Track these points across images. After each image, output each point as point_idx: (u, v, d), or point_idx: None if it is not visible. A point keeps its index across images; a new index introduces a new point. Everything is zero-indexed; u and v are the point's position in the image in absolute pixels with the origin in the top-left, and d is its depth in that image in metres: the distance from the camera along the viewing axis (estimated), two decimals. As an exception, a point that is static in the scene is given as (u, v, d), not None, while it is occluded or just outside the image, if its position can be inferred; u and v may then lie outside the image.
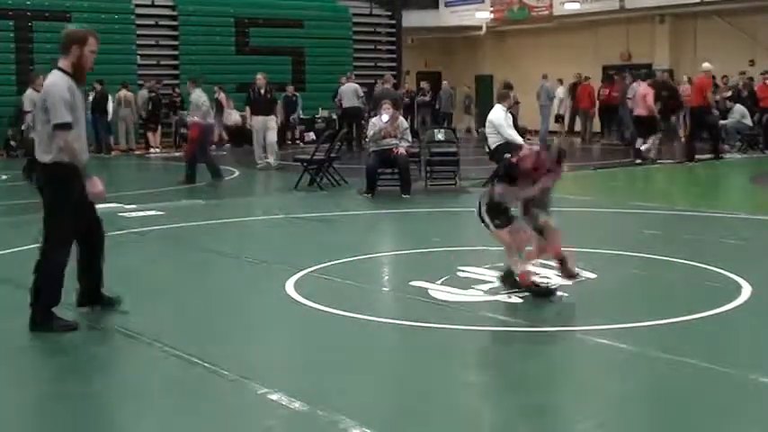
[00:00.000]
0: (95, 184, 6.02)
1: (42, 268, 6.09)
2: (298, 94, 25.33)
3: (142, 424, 4.59)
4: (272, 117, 18.15)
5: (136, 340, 5.90)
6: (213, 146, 17.99)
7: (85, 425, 4.56)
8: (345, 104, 22.81)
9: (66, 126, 5.89)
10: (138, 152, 23.32)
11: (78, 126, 6.05)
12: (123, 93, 22.98)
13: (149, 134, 23.84)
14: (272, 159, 17.71)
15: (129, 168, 20.82)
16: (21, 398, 4.95)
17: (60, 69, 6.11)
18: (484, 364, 5.58)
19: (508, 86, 16.35)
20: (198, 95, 15.32)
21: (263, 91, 17.97)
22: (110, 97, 22.57)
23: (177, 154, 17.19)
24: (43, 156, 6.00)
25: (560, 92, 25.78)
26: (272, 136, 17.90)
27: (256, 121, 17.88)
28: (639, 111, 18.24)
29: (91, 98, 21.35)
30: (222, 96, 23.11)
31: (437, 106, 27.91)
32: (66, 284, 6.21)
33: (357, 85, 23.13)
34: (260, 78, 18.07)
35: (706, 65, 19.02)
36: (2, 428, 4.47)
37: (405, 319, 6.35)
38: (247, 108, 18.60)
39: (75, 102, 6.02)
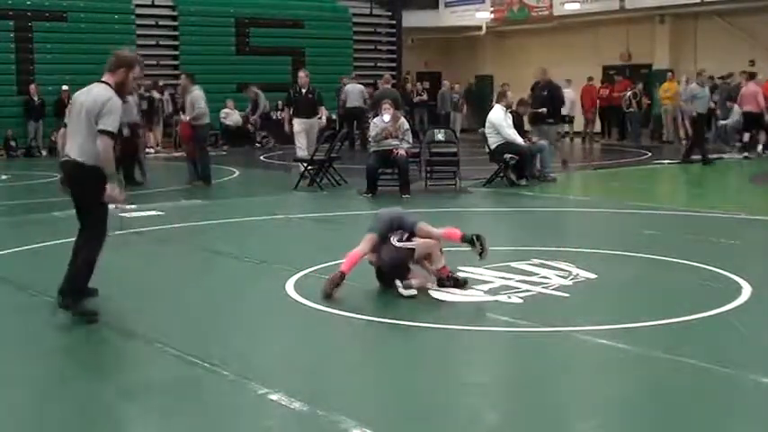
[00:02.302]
0: (115, 189, 6.38)
1: (80, 257, 6.50)
2: (260, 92, 24.86)
3: (142, 424, 4.59)
4: (315, 120, 16.38)
5: (136, 340, 5.90)
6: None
7: (85, 425, 4.56)
8: (350, 104, 22.74)
9: (114, 135, 6.38)
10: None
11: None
12: None
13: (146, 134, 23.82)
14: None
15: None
16: (20, 398, 4.95)
17: (106, 83, 6.56)
18: (484, 364, 5.58)
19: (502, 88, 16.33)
20: (194, 95, 15.03)
21: (304, 90, 16.29)
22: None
23: (177, 154, 17.15)
24: (84, 157, 6.38)
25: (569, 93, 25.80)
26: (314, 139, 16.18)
27: (297, 124, 16.16)
28: (749, 107, 19.53)
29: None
30: (165, 96, 22.99)
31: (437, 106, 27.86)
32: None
33: (362, 86, 23.08)
34: (302, 77, 16.49)
35: None
36: (2, 429, 4.47)
37: (405, 319, 6.35)
38: (285, 109, 17.32)
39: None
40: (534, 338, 5.95)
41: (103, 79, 6.59)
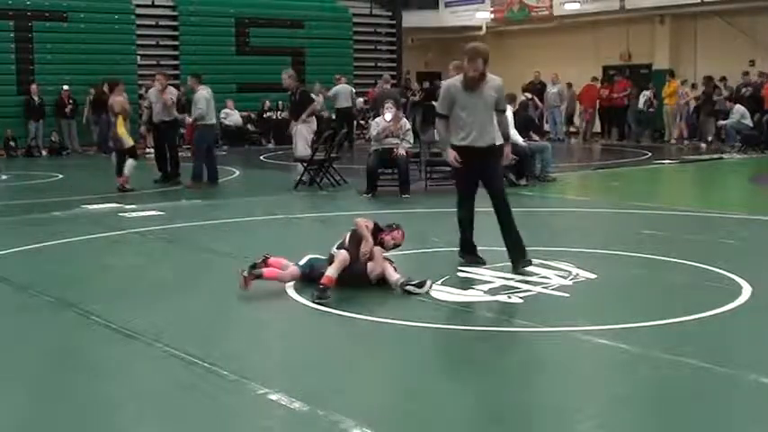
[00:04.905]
0: (450, 154, 7.92)
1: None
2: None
3: (142, 424, 4.59)
4: (299, 122, 15.04)
5: (136, 340, 5.90)
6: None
7: (86, 425, 4.56)
8: (339, 105, 22.88)
9: (438, 116, 8.12)
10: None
11: (462, 118, 7.87)
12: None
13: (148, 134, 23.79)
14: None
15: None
16: (21, 398, 4.95)
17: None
18: (484, 364, 5.58)
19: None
20: (195, 96, 15.22)
21: (290, 93, 15.59)
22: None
23: (180, 154, 17.13)
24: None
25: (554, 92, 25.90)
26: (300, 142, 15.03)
27: (293, 127, 15.29)
28: None
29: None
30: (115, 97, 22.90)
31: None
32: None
33: (351, 87, 23.18)
34: (284, 78, 15.50)
35: None
36: (2, 428, 4.47)
37: (405, 319, 6.35)
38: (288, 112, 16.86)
39: (458, 99, 7.87)
40: (534, 338, 5.95)
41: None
